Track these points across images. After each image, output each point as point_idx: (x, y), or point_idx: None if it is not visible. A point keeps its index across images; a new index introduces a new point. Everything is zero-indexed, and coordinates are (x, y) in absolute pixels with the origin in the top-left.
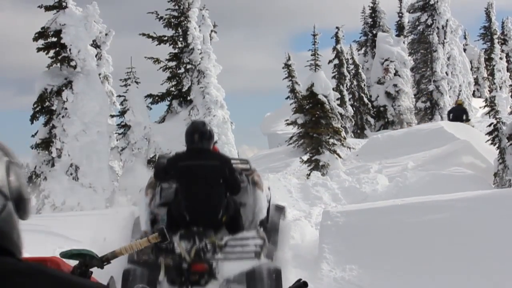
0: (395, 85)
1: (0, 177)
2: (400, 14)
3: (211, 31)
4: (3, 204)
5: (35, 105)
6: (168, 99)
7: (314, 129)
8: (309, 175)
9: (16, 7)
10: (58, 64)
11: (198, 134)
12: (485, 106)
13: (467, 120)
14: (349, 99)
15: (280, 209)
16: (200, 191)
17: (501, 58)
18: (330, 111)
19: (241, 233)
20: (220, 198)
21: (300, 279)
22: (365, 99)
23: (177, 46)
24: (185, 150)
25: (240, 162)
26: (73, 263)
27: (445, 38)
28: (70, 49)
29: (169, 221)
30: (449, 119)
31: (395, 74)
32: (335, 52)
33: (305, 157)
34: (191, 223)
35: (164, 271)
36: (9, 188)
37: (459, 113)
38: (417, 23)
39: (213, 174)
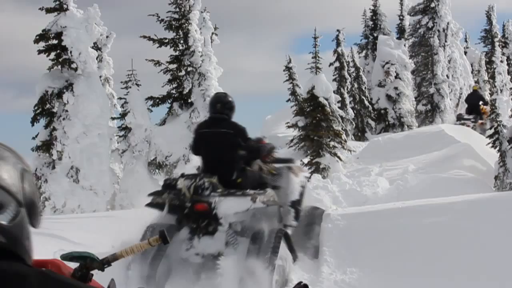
0: (395, 88)
1: (15, 184)
2: (401, 17)
3: (212, 33)
4: (16, 211)
5: (36, 107)
6: (169, 101)
7: (315, 131)
8: (309, 177)
9: (16, 8)
10: (59, 67)
11: (220, 104)
12: None
13: (485, 104)
14: (350, 102)
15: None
16: (214, 155)
17: (501, 61)
18: (330, 113)
19: None
20: (232, 161)
21: (300, 282)
22: (366, 102)
23: (178, 49)
24: (207, 118)
25: (286, 160)
26: (73, 265)
27: (446, 41)
28: (71, 52)
29: None
30: (466, 108)
31: (395, 77)
32: (336, 54)
33: (306, 160)
34: None
35: (168, 208)
36: (23, 195)
37: (475, 101)
38: (418, 26)
39: (225, 141)
